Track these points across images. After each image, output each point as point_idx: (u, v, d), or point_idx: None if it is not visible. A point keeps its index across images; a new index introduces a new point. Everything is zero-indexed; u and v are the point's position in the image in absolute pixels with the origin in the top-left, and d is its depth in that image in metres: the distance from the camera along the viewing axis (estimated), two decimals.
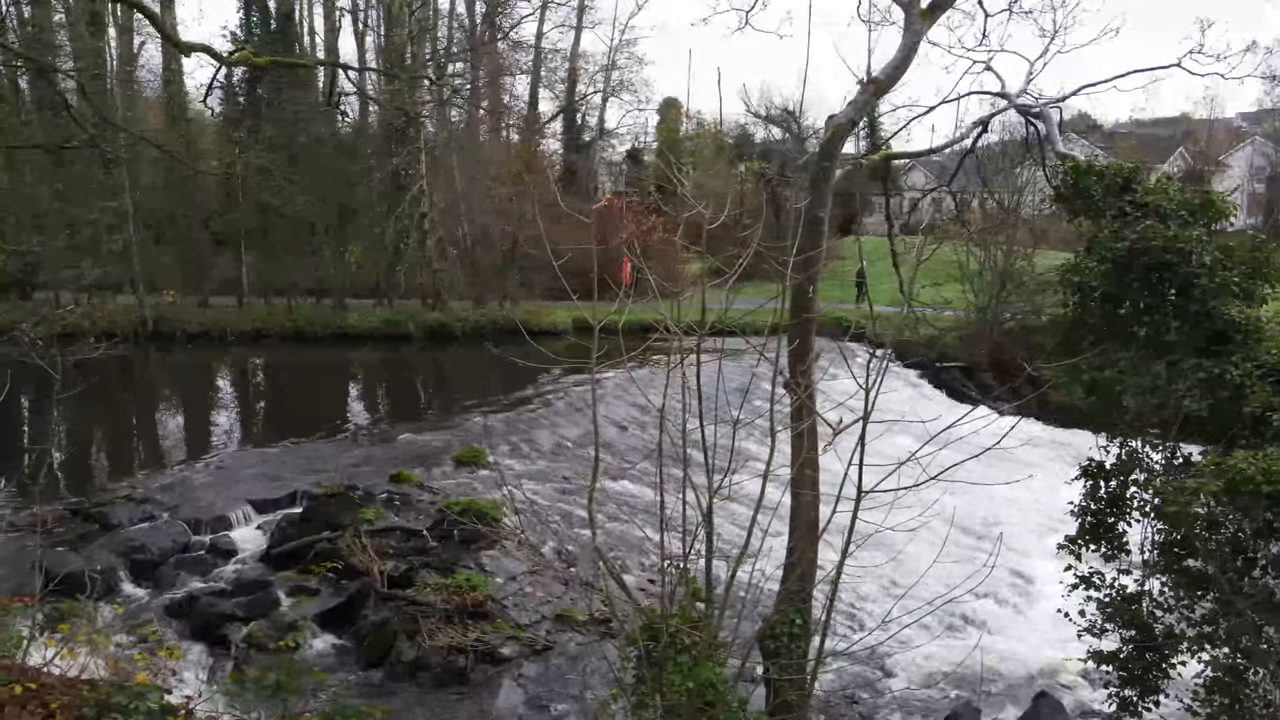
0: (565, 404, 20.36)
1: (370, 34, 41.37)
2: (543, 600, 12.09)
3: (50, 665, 6.01)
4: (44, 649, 6.08)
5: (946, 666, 12.03)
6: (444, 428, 18.18)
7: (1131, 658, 7.62)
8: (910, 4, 8.80)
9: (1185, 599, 7.14)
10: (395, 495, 13.90)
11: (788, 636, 6.80)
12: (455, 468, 15.51)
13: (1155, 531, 7.38)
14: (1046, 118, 9.99)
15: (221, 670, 9.85)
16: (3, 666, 5.45)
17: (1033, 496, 18.02)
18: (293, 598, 11.49)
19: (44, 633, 6.86)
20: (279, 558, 12.19)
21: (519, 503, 14.52)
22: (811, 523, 7.40)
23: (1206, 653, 7.01)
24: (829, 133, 8.13)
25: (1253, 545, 6.40)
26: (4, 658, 5.57)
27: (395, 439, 17.14)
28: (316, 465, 15.50)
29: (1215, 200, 7.61)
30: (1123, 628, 7.63)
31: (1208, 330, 6.95)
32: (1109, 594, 7.78)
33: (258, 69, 9.08)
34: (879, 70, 8.48)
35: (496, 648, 10.90)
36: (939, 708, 10.96)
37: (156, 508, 13.26)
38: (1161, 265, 7.15)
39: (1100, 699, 12.05)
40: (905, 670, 12.19)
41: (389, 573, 11.84)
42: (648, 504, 15.79)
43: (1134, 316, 7.52)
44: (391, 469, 15.06)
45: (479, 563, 12.53)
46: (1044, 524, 16.75)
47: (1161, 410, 6.76)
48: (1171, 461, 7.21)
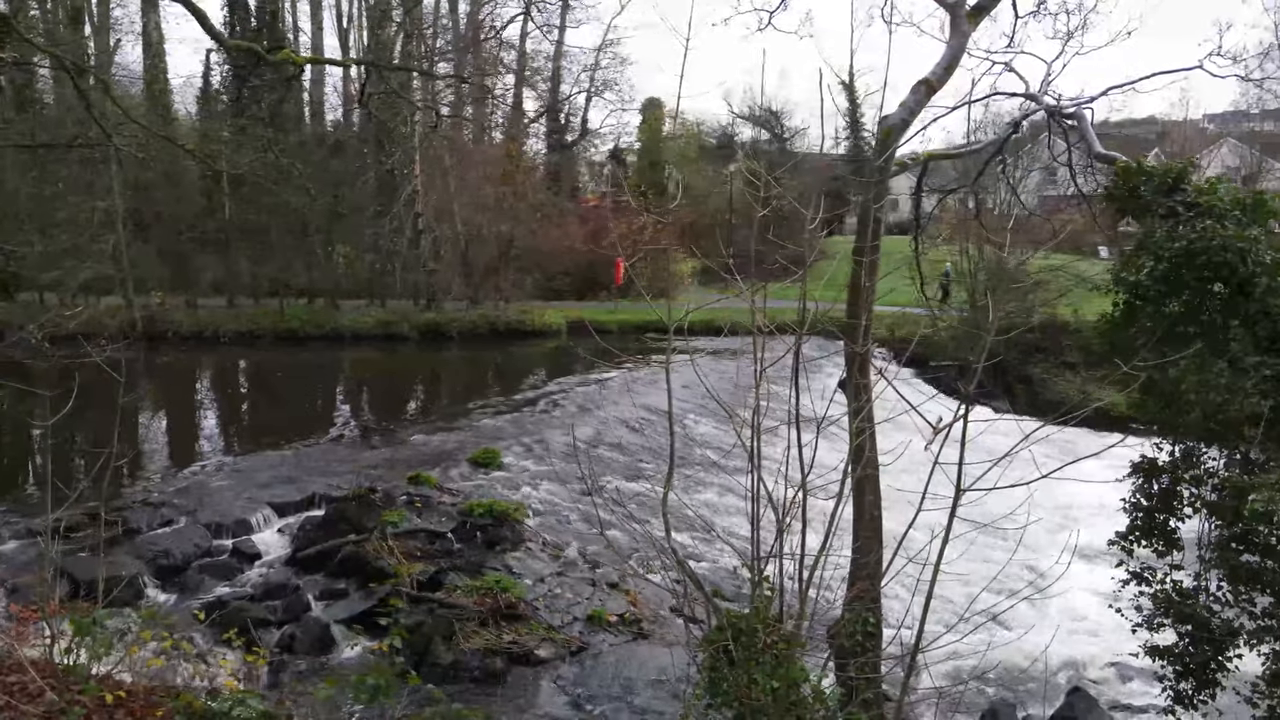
0: (573, 405, 20.32)
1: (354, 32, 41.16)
2: (572, 601, 12.05)
3: (117, 670, 5.90)
4: (92, 654, 5.93)
5: (972, 663, 12.16)
6: (454, 428, 18.07)
7: (1187, 652, 7.70)
8: (956, 5, 8.86)
9: (1244, 594, 7.23)
10: (415, 497, 13.79)
11: (862, 635, 6.81)
12: (471, 469, 15.41)
13: (1212, 527, 7.47)
14: (1081, 119, 10.09)
15: (258, 675, 9.73)
16: (86, 675, 5.34)
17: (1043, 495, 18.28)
18: (322, 601, 11.38)
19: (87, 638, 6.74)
20: (305, 561, 12.06)
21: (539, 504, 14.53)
22: (875, 523, 7.42)
23: (1268, 645, 7.11)
24: (882, 133, 8.17)
25: None
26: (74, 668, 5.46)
27: (407, 440, 17.01)
28: (331, 467, 15.35)
29: (1267, 200, 7.72)
30: (1178, 622, 7.71)
31: (1268, 329, 7.05)
32: (1162, 589, 7.86)
33: (297, 66, 8.95)
34: (929, 72, 8.52)
35: (532, 649, 10.84)
36: (974, 705, 11.05)
37: (175, 512, 13.07)
38: (1219, 265, 7.24)
39: (1129, 693, 12.29)
40: (931, 667, 12.31)
41: (417, 576, 11.75)
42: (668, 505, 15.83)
43: (1189, 316, 7.61)
44: (407, 470, 14.94)
45: (505, 564, 12.45)
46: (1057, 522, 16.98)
47: (1226, 408, 6.85)
48: (1233, 458, 7.31)
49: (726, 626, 6.47)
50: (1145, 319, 7.91)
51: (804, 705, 6.22)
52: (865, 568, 7.16)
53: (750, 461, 6.71)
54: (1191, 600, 7.63)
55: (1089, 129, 10.00)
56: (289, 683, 8.19)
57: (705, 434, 19.73)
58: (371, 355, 28.37)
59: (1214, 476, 7.52)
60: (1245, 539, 7.25)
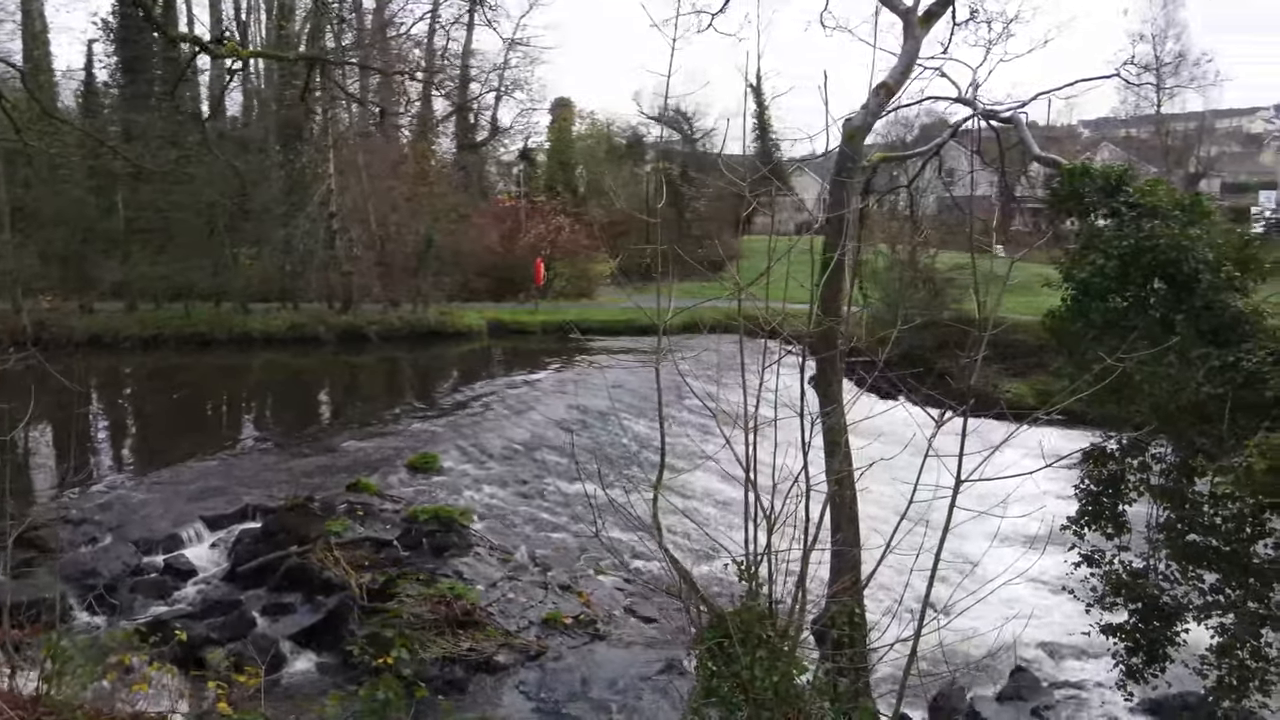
0: (504, 407, 20.08)
1: (253, 25, 39.62)
2: (526, 605, 11.92)
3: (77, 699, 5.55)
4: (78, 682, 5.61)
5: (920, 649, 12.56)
6: (387, 433, 17.63)
7: (1137, 628, 8.14)
8: (908, 13, 9.14)
9: (1192, 572, 7.67)
10: (356, 505, 13.39)
11: (849, 626, 6.95)
12: (410, 474, 15.07)
13: (1160, 510, 7.91)
14: (1018, 123, 10.52)
15: (205, 696, 9.29)
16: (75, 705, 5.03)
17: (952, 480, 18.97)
18: (268, 616, 10.95)
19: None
20: (246, 575, 11.58)
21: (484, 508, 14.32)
22: (853, 517, 7.59)
23: (1215, 619, 7.56)
24: (846, 134, 8.35)
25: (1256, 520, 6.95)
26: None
27: (339, 446, 16.50)
28: (261, 476, 14.77)
29: (1202, 200, 8.23)
30: (1130, 601, 8.13)
31: (1211, 322, 7.51)
32: (1113, 570, 8.28)
33: (242, 60, 8.46)
34: (887, 75, 8.75)
35: (491, 656, 10.69)
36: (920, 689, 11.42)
37: (97, 529, 12.37)
38: (1165, 262, 7.67)
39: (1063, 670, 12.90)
40: (877, 654, 12.66)
41: (367, 585, 11.43)
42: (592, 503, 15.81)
43: (1134, 310, 8.04)
44: (344, 478, 14.52)
45: (456, 570, 12.22)
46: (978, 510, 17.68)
47: (1176, 398, 7.25)
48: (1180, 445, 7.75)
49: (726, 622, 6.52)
50: (1093, 313, 8.32)
51: (802, 698, 6.32)
52: (848, 560, 7.31)
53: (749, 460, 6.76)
54: (1142, 579, 8.05)
55: (1027, 133, 10.42)
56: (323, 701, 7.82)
57: (641, 431, 19.78)
58: (286, 359, 27.38)
59: (1160, 462, 7.95)
60: (1191, 520, 7.70)
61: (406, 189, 31.97)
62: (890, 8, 9.25)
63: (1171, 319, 7.73)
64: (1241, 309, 7.26)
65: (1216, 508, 7.50)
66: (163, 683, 7.58)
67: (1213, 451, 7.36)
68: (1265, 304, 7.24)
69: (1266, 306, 7.26)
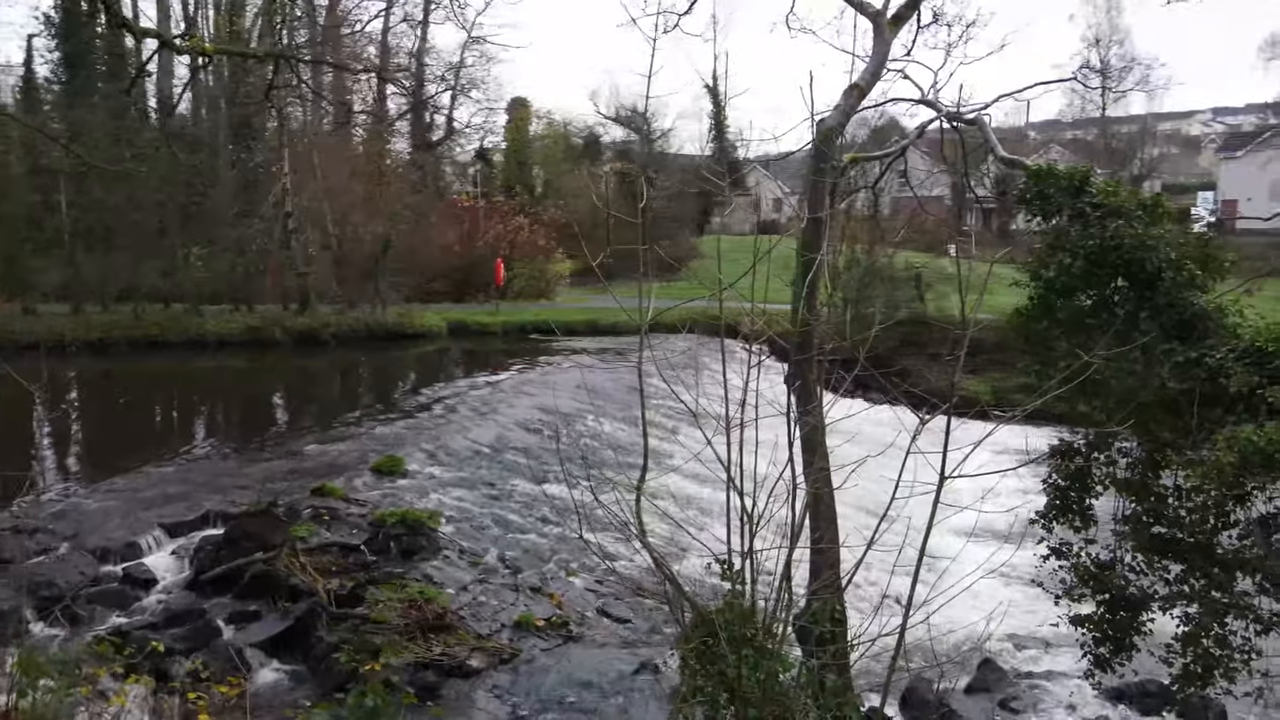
0: (468, 408, 19.91)
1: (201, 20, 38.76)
2: (498, 608, 11.83)
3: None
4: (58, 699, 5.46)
5: (883, 644, 12.73)
6: (349, 437, 17.38)
7: (1104, 619, 8.33)
8: (877, 15, 9.25)
9: (1158, 563, 7.88)
10: (322, 510, 13.18)
11: (831, 622, 7.02)
12: (375, 478, 14.87)
13: (1126, 503, 8.10)
14: (982, 125, 10.71)
15: (170, 710, 9.07)
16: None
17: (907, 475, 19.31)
18: (233, 625, 10.72)
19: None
20: (209, 584, 11.32)
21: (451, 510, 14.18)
22: (831, 515, 7.66)
23: (1179, 608, 7.77)
24: (819, 136, 8.43)
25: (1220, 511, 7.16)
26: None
27: (301, 450, 16.22)
28: (221, 482, 14.47)
29: (1163, 201, 8.46)
30: (1097, 592, 8.32)
31: (1175, 319, 7.71)
32: (1081, 562, 8.46)
33: (206, 57, 8.23)
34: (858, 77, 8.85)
35: (464, 660, 10.57)
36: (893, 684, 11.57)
37: (52, 538, 12.00)
38: (1130, 261, 7.87)
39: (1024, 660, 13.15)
40: (858, 650, 12.80)
41: (335, 591, 11.24)
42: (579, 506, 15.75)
43: (1099, 308, 8.23)
44: (308, 482, 14.28)
45: (425, 574, 12.09)
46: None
47: (1143, 393, 7.43)
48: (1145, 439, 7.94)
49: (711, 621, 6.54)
50: (1059, 311, 8.50)
51: (788, 694, 6.37)
52: (827, 558, 7.38)
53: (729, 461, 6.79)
54: (1109, 571, 8.23)
55: (991, 134, 10.60)
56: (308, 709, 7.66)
57: (606, 432, 19.75)
58: (242, 362, 26.87)
59: (1126, 456, 8.14)
60: (1156, 513, 7.90)
61: (363, 189, 31.56)
62: (860, 11, 9.36)
63: (1136, 316, 7.92)
64: (1204, 306, 7.47)
65: (1181, 500, 7.71)
66: (135, 695, 7.37)
67: (1179, 445, 7.56)
68: (1226, 302, 7.46)
69: (1227, 304, 7.48)
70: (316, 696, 10.00)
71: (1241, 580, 7.23)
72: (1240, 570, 7.16)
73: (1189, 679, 7.66)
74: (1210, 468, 6.40)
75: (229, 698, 6.52)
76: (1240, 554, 7.05)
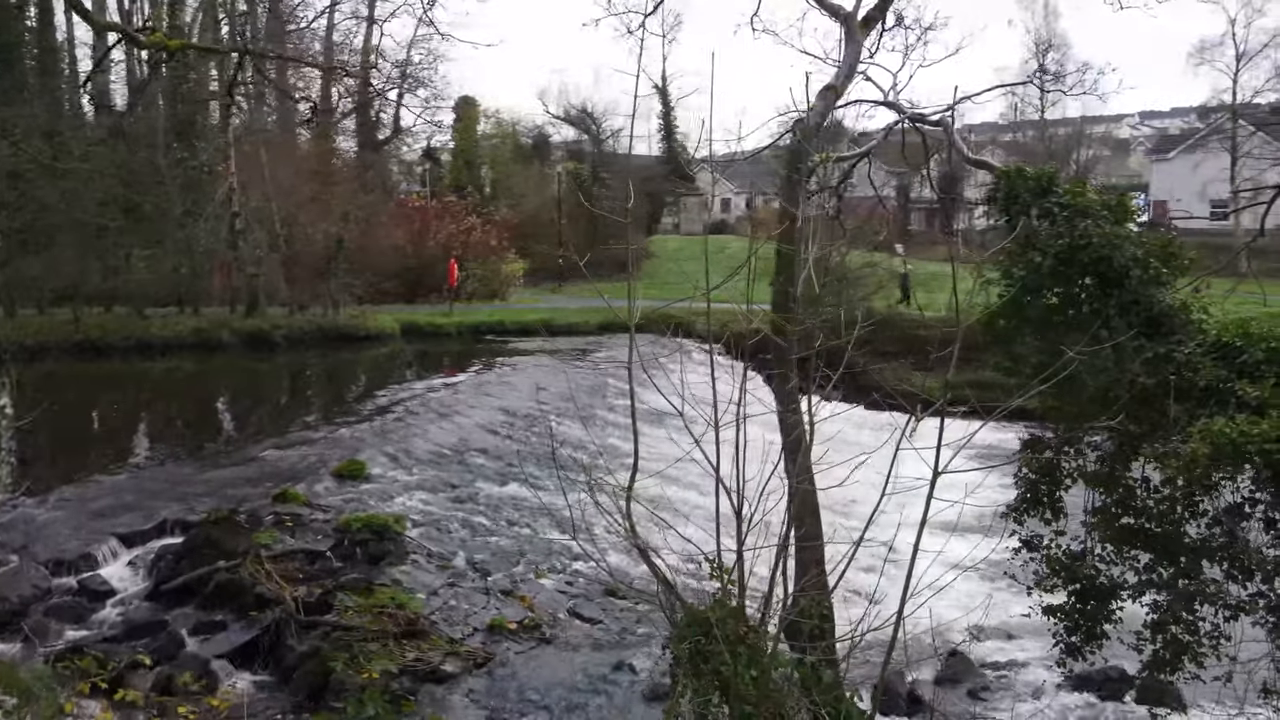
0: (427, 410, 19.65)
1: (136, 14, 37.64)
2: (469, 612, 11.70)
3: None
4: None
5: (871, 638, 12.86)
6: (307, 441, 17.03)
7: (1075, 609, 8.54)
8: (848, 18, 9.37)
9: (1127, 553, 8.11)
10: (285, 516, 12.91)
11: (820, 618, 7.08)
12: (338, 482, 14.61)
13: (1097, 495, 8.33)
14: (947, 126, 10.90)
15: None
16: None
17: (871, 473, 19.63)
18: (198, 636, 10.45)
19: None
20: (171, 594, 11.02)
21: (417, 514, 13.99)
22: (814, 509, 7.73)
23: (1149, 596, 8.01)
24: (798, 136, 8.51)
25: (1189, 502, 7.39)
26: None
27: (259, 455, 15.86)
28: (177, 489, 14.08)
29: (1126, 201, 8.71)
30: (1069, 582, 8.53)
31: (1142, 316, 7.95)
32: (1052, 554, 8.67)
33: (168, 53, 7.97)
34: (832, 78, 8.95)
35: (438, 665, 10.43)
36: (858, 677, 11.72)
37: (0, 551, 11.55)
38: (1099, 259, 8.09)
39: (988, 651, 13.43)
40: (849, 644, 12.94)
41: (303, 599, 11.01)
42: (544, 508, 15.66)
43: (1067, 305, 8.44)
44: (269, 488, 13.96)
45: (394, 579, 11.92)
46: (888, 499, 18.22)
47: (1115, 388, 7.64)
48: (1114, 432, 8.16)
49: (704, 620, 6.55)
50: (1028, 309, 8.70)
51: (781, 691, 6.41)
52: (812, 554, 7.44)
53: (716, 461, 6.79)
54: (1079, 562, 8.45)
55: (956, 136, 10.80)
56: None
57: (568, 433, 19.67)
58: (190, 366, 26.13)
59: (1097, 450, 8.36)
60: (1124, 504, 8.13)
61: (312, 188, 30.98)
62: (831, 14, 9.48)
63: (1104, 313, 8.14)
64: (1170, 303, 7.71)
65: (1150, 491, 7.95)
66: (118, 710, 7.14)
67: (1147, 438, 7.79)
68: (1192, 298, 7.71)
69: (1192, 301, 7.73)
70: (289, 707, 9.78)
71: (1210, 568, 7.48)
72: (1208, 559, 7.40)
73: (1159, 665, 7.90)
74: (1185, 460, 6.62)
75: (219, 711, 6.33)
76: (1209, 543, 7.29)
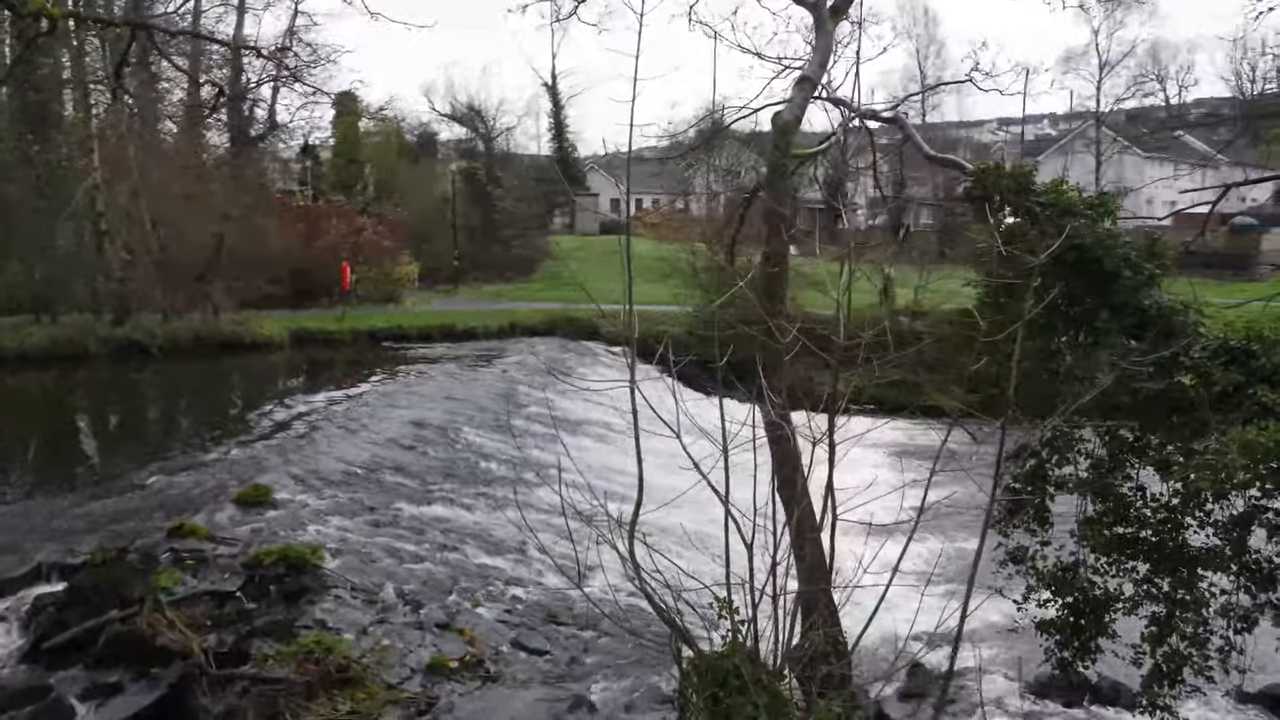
0: (332, 426, 18.20)
1: None
2: (404, 651, 10.62)
3: None
4: None
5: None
6: (200, 464, 15.42)
7: (1067, 623, 8.25)
8: (817, 6, 8.85)
9: (1123, 563, 7.84)
10: (185, 553, 11.46)
11: (835, 656, 6.48)
12: (241, 511, 13.17)
13: (1091, 502, 8.04)
14: (904, 123, 10.55)
15: None
16: None
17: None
18: (89, 701, 9.03)
19: None
20: (54, 652, 9.53)
21: (334, 543, 12.73)
22: (815, 536, 7.12)
23: (1145, 608, 7.76)
24: (778, 131, 7.91)
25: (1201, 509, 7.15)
26: None
27: (146, 484, 14.19)
28: (52, 526, 12.40)
29: (1108, 200, 8.48)
30: (1061, 594, 8.23)
31: (1136, 318, 7.69)
32: (1044, 565, 8.35)
33: (53, 23, 6.71)
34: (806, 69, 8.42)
35: (377, 717, 9.37)
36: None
37: None
38: (1089, 260, 7.79)
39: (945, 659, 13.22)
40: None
41: (214, 649, 9.70)
42: (470, 528, 14.63)
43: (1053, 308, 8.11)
44: (162, 521, 12.44)
45: (317, 619, 10.71)
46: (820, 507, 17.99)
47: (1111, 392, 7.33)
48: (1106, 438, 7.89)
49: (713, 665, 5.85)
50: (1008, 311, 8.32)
51: None
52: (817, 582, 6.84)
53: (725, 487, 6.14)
54: (1071, 572, 8.14)
55: (915, 132, 10.45)
56: None
57: (485, 444, 18.63)
58: (50, 381, 23.57)
59: (1089, 457, 8.06)
60: (1118, 513, 7.85)
61: (185, 186, 28.65)
62: (800, 2, 8.93)
63: (1093, 315, 7.84)
64: (1169, 305, 7.47)
65: (1146, 500, 7.70)
66: None
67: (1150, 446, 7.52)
68: (1189, 300, 7.50)
69: (1191, 302, 7.52)
70: None
71: (1215, 578, 7.27)
72: (1215, 569, 7.18)
73: (1158, 678, 7.66)
74: (1216, 468, 6.32)
75: None
76: (1218, 552, 7.07)
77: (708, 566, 7.90)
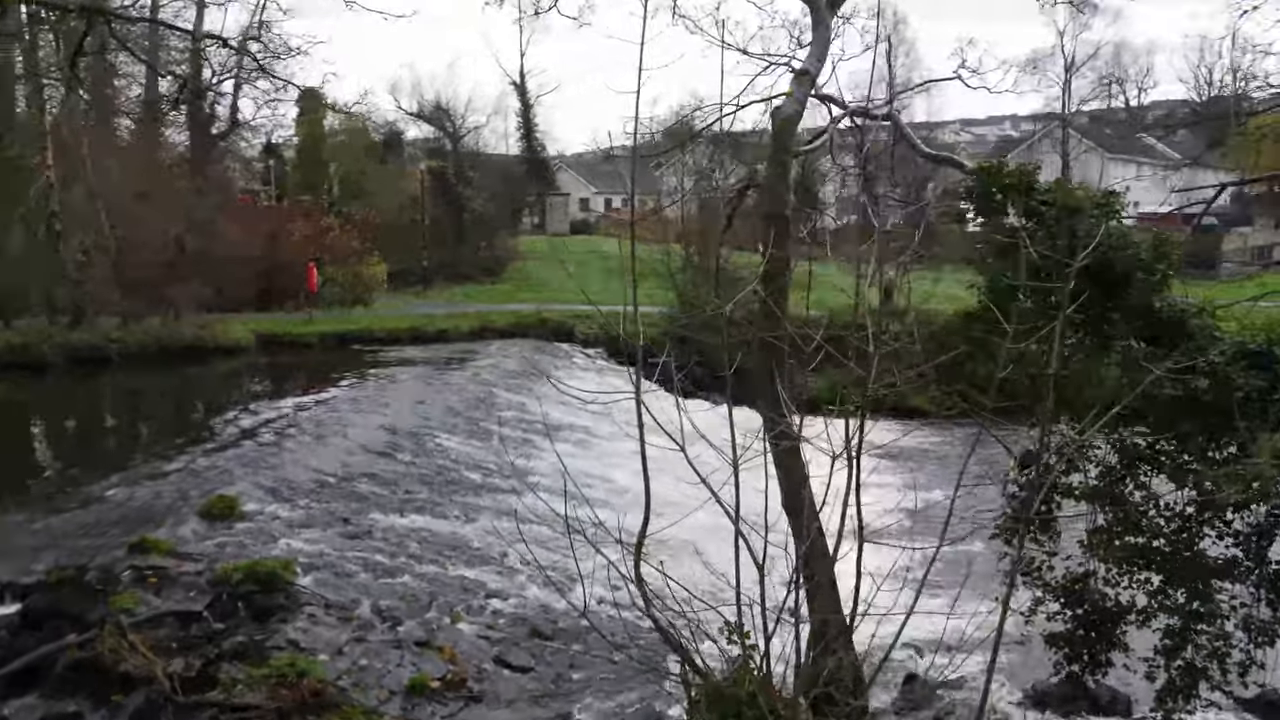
0: (302, 433, 17.60)
1: None
2: (383, 671, 10.15)
3: None
4: None
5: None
6: (162, 474, 14.78)
7: (1075, 636, 7.99)
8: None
9: (1135, 574, 7.59)
10: (147, 571, 10.89)
11: (852, 682, 6.14)
12: (207, 524, 12.58)
13: (1101, 511, 7.79)
14: (898, 122, 10.27)
15: None
16: None
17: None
18: None
19: None
20: (8, 680, 8.95)
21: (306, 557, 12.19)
22: (823, 550, 6.79)
23: (1159, 620, 7.51)
24: (777, 125, 7.57)
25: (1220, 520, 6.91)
26: None
27: (105, 496, 13.54)
28: (6, 545, 11.77)
29: (1114, 199, 8.24)
30: (1070, 606, 7.97)
31: (1149, 322, 7.44)
32: (1052, 576, 8.09)
33: (3, 7, 6.17)
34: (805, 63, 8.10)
35: None
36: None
37: None
38: (1100, 261, 7.52)
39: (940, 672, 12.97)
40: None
41: (180, 674, 9.17)
42: (449, 539, 14.13)
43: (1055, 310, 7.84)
44: (122, 536, 11.84)
45: (290, 640, 10.20)
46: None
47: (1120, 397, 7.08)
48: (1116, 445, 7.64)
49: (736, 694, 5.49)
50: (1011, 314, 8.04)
51: None
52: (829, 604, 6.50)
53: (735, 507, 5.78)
54: (1081, 584, 7.89)
55: (909, 131, 10.18)
56: None
57: (461, 451, 18.12)
58: (1, 390, 22.64)
59: (1100, 465, 7.81)
60: (1129, 523, 7.60)
61: (144, 185, 27.75)
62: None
63: (1102, 318, 7.59)
64: (1184, 308, 7.24)
65: (1159, 510, 7.46)
66: None
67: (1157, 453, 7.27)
68: (1208, 302, 7.27)
69: (1206, 305, 7.29)
70: None
71: (1233, 589, 7.04)
72: (1233, 580, 6.94)
73: (1173, 692, 7.42)
74: (1250, 478, 6.08)
75: None
76: (1237, 563, 6.84)
77: (701, 573, 7.55)
